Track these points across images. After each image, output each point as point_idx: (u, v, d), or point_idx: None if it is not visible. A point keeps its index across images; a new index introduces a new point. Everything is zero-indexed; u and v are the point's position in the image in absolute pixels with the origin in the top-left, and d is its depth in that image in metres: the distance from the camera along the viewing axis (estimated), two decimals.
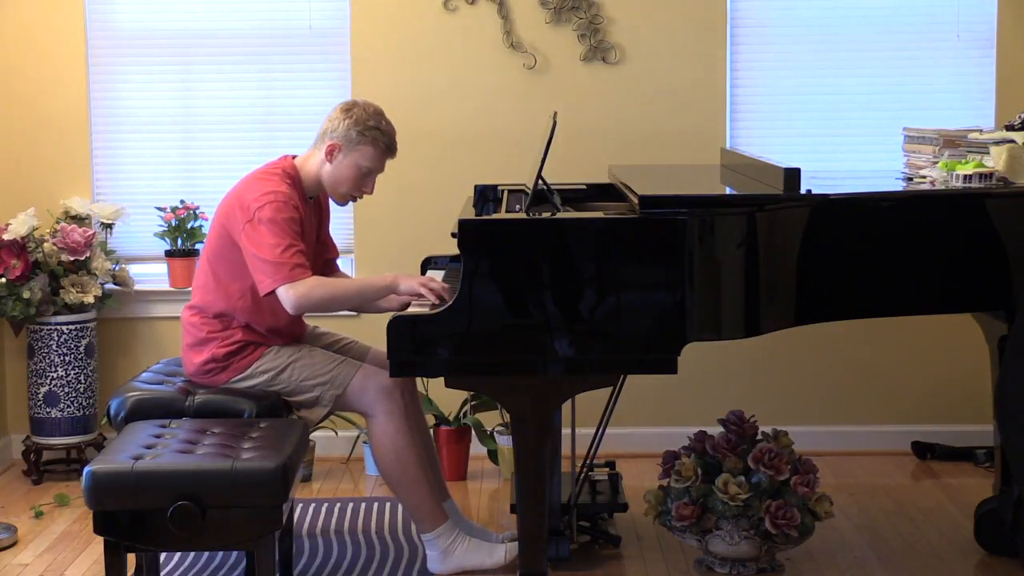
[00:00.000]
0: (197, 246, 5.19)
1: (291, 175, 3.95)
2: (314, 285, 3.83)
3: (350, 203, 4.09)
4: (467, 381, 3.62)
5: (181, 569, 4.12)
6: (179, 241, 5.23)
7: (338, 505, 4.71)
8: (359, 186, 4.00)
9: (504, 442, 5.03)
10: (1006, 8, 5.22)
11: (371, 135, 3.94)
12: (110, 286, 5.21)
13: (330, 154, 3.95)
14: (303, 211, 3.92)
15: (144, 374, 4.15)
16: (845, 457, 5.23)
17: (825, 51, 5.29)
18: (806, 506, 3.91)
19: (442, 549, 3.99)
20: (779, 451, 3.92)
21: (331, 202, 4.17)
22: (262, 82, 5.29)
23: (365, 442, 4.98)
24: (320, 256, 4.16)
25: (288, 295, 3.79)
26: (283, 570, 3.90)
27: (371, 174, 4.00)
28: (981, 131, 4.17)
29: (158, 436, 3.64)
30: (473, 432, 5.10)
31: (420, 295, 3.76)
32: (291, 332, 4.05)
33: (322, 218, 4.18)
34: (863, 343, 5.29)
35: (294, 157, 4.05)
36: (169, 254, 5.26)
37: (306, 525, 4.50)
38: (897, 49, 5.28)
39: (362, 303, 4.04)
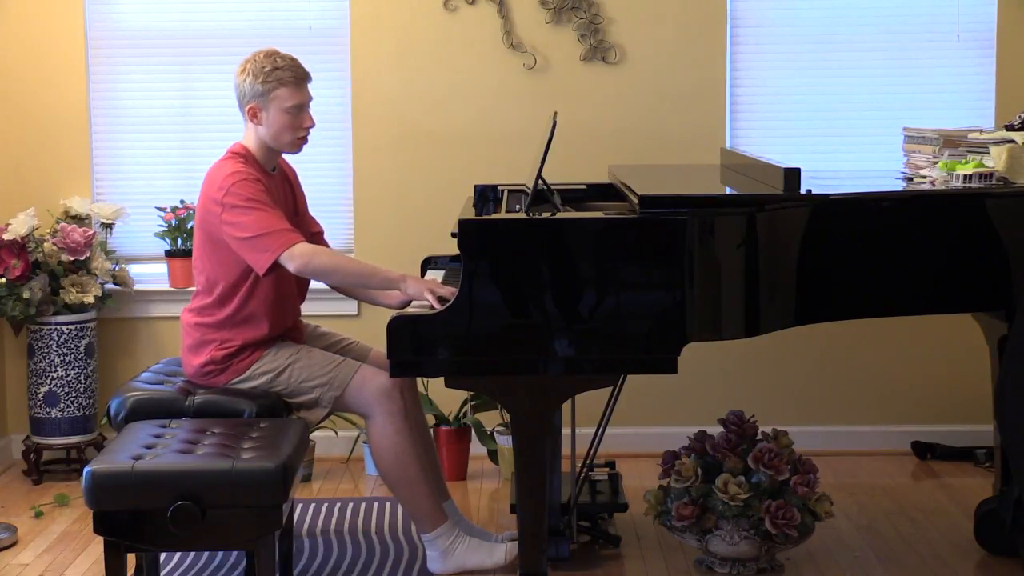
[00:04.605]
0: None
1: (242, 154, 3.95)
2: (317, 250, 3.84)
3: (304, 146, 4.02)
4: (467, 381, 3.61)
5: (181, 569, 4.12)
6: (179, 241, 5.23)
7: (338, 505, 4.71)
8: (297, 125, 3.96)
9: (504, 442, 5.02)
10: (1006, 8, 5.22)
11: (275, 77, 3.92)
12: (110, 286, 5.21)
13: (254, 116, 3.95)
14: (267, 182, 3.92)
15: (144, 374, 4.15)
16: (845, 457, 5.23)
17: (825, 51, 5.29)
18: (806, 506, 3.91)
19: (442, 549, 3.99)
20: (779, 451, 3.92)
21: (299, 177, 4.18)
22: None
23: (365, 442, 4.97)
24: (304, 230, 4.13)
25: (290, 256, 3.79)
26: (283, 570, 3.89)
27: (301, 110, 3.96)
28: (981, 131, 4.16)
29: (158, 436, 3.63)
30: (473, 432, 5.10)
31: (426, 300, 3.75)
32: (289, 335, 4.05)
33: (294, 192, 4.15)
34: (863, 343, 5.29)
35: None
36: (169, 254, 5.26)
37: (306, 525, 4.50)
38: (897, 49, 5.29)
39: (362, 285, 4.04)
